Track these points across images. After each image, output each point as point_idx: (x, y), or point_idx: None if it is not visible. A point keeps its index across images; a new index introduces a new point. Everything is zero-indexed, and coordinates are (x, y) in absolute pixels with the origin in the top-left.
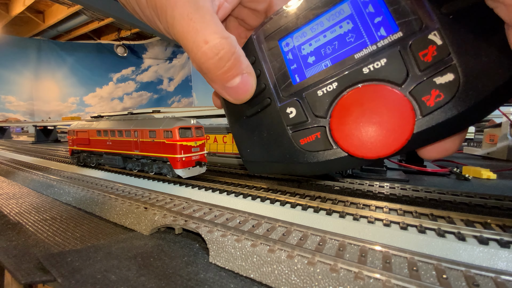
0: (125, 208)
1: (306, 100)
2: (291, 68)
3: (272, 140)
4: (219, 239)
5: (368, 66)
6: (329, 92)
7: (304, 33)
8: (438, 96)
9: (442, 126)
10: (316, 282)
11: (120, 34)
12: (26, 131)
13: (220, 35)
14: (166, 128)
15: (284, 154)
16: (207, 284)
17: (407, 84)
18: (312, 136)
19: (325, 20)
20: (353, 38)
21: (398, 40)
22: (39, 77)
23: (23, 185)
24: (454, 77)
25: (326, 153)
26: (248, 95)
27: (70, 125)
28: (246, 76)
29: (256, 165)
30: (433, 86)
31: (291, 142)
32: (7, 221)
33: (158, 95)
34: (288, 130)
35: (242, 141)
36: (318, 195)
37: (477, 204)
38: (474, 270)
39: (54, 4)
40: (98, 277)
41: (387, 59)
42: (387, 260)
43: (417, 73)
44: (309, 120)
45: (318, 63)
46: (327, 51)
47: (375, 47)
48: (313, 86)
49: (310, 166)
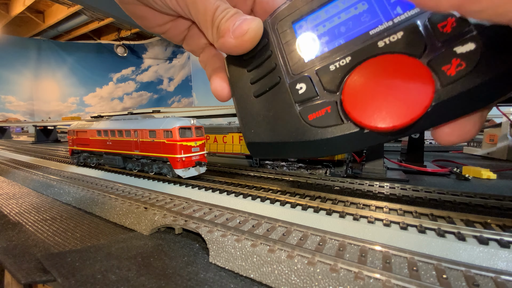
0: (125, 208)
1: (317, 75)
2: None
3: (279, 118)
4: (219, 239)
5: (384, 40)
6: (341, 67)
7: (318, 15)
8: (459, 65)
9: (464, 98)
10: (316, 282)
11: (120, 34)
12: (26, 131)
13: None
14: (166, 128)
15: (290, 132)
16: (207, 284)
17: (426, 55)
18: (321, 110)
19: (340, 3)
20: (368, 17)
21: (415, 15)
22: (39, 77)
23: (23, 185)
24: (475, 46)
25: (336, 129)
26: (253, 31)
27: (70, 125)
28: (251, 18)
29: (259, 147)
30: (453, 56)
31: (298, 117)
32: (7, 221)
33: (158, 95)
34: (296, 106)
35: (247, 122)
36: (318, 195)
37: (477, 204)
38: (474, 270)
39: (54, 4)
40: (98, 277)
41: (404, 32)
42: (387, 260)
43: (436, 44)
44: (319, 95)
45: (331, 42)
46: (341, 31)
47: (391, 22)
48: (325, 62)
49: (318, 144)
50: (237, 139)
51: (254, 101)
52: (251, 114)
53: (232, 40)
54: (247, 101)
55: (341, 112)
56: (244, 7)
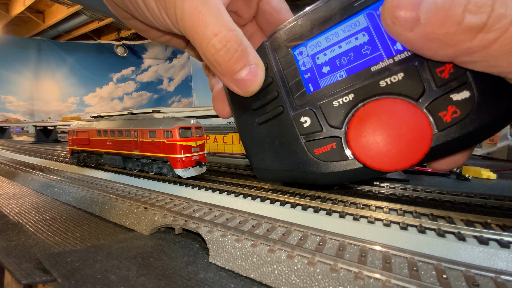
0: (125, 208)
1: (321, 110)
2: (304, 77)
3: (285, 148)
4: (219, 239)
5: (385, 80)
6: (345, 103)
7: (319, 42)
8: (454, 112)
9: (458, 141)
10: (316, 282)
11: (120, 34)
12: (26, 131)
13: (227, 27)
14: (166, 128)
15: (297, 163)
16: (207, 284)
17: (424, 99)
18: (327, 146)
19: (340, 30)
20: (369, 50)
21: (415, 55)
22: (39, 77)
23: (23, 185)
24: (470, 94)
25: (342, 164)
26: (257, 85)
27: (70, 125)
28: (254, 68)
29: (267, 173)
30: (449, 102)
31: (305, 151)
32: (7, 221)
33: (158, 95)
34: (302, 139)
35: (253, 148)
36: (318, 195)
37: (477, 204)
38: (474, 270)
39: (54, 4)
40: (98, 277)
41: (404, 73)
42: (387, 260)
43: (434, 89)
44: (324, 130)
45: (333, 74)
46: (343, 62)
47: (392, 61)
48: (329, 97)
49: (325, 176)
50: (237, 139)
51: (258, 128)
52: (256, 141)
53: (235, 88)
54: (251, 127)
55: (346, 149)
56: (247, 14)
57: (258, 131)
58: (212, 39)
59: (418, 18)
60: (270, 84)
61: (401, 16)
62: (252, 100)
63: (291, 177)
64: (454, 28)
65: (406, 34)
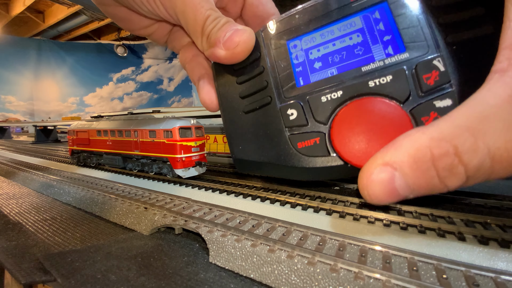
0: (125, 208)
1: (308, 104)
2: (296, 70)
3: (268, 139)
4: (219, 239)
5: (374, 80)
6: (333, 100)
7: (314, 38)
8: (436, 119)
9: None
10: (316, 282)
11: (120, 34)
12: (26, 131)
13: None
14: (166, 128)
15: (279, 155)
16: (207, 284)
17: (409, 103)
18: (310, 140)
19: (336, 29)
20: (361, 51)
21: (404, 60)
22: (39, 77)
23: (23, 185)
24: (452, 103)
25: (323, 160)
26: (245, 43)
27: (70, 125)
28: (242, 28)
29: (247, 164)
30: (432, 109)
31: (288, 144)
32: (7, 221)
33: (158, 95)
34: (286, 132)
35: (235, 137)
36: (318, 195)
37: (477, 204)
38: (474, 270)
39: (54, 4)
40: (98, 277)
41: (393, 76)
42: (387, 260)
43: (419, 94)
44: (309, 125)
45: (324, 70)
46: (335, 60)
47: (382, 63)
48: (317, 92)
49: (305, 171)
50: None
51: (243, 117)
52: (239, 130)
53: (223, 51)
54: (236, 116)
55: (328, 145)
56: (234, 8)
57: (243, 120)
58: (203, 6)
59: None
60: (260, 73)
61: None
62: (240, 87)
63: (271, 170)
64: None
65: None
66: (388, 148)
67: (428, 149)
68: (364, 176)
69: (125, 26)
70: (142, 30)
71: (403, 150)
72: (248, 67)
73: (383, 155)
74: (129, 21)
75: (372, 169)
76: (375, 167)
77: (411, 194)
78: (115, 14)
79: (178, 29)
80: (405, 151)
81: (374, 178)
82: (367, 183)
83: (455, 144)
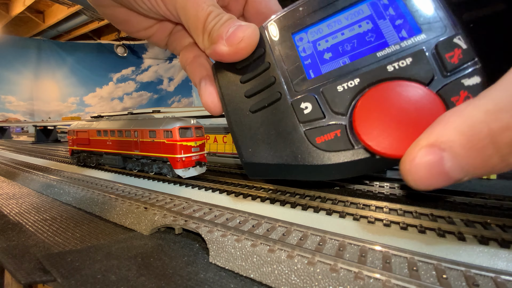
0: (125, 208)
1: (323, 95)
2: (305, 63)
3: (281, 138)
4: (219, 239)
5: (393, 64)
6: (350, 88)
7: (320, 29)
8: (467, 98)
9: None
10: (316, 282)
11: (120, 34)
12: (26, 131)
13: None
14: (166, 128)
15: (295, 155)
16: (207, 284)
17: (434, 84)
18: (330, 134)
19: (343, 18)
20: (373, 38)
21: (422, 41)
22: (39, 77)
23: (23, 185)
24: (481, 80)
25: (346, 154)
26: (249, 39)
27: (70, 125)
28: (245, 24)
29: (259, 168)
30: (461, 88)
31: (304, 141)
32: (7, 221)
33: (158, 95)
34: (301, 127)
35: (243, 139)
36: (318, 195)
37: (477, 204)
38: (474, 270)
39: (54, 4)
40: (98, 277)
41: (412, 58)
42: (387, 260)
43: (444, 74)
44: (326, 117)
45: (336, 60)
46: (346, 48)
47: (398, 46)
48: (332, 82)
49: (327, 168)
50: None
51: (251, 117)
52: (248, 131)
53: (226, 48)
54: (242, 116)
55: (351, 137)
56: (237, 6)
57: (250, 120)
58: (205, 2)
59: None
60: (266, 69)
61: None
62: (245, 87)
63: (287, 172)
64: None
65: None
66: (433, 128)
67: (485, 124)
68: (407, 160)
69: (124, 28)
70: (142, 32)
71: (452, 128)
72: (252, 65)
73: (427, 136)
74: (128, 23)
75: (416, 152)
76: (419, 149)
77: (466, 176)
78: (114, 15)
79: (178, 30)
80: (456, 128)
81: (420, 161)
82: (411, 168)
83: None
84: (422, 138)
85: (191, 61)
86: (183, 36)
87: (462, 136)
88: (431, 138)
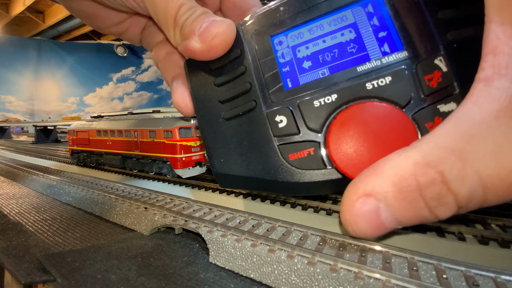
0: (125, 208)
1: (299, 109)
2: (283, 71)
3: (254, 150)
4: (219, 239)
5: (372, 82)
6: (327, 104)
7: (301, 33)
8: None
9: None
10: (316, 282)
11: None
12: (26, 131)
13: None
14: (166, 128)
15: (268, 169)
16: (207, 284)
17: (411, 107)
18: (304, 151)
19: (325, 23)
20: (355, 49)
21: (403, 59)
22: (39, 77)
23: (23, 185)
24: (457, 106)
25: (319, 173)
26: (223, 35)
27: (70, 125)
28: (220, 19)
29: (230, 180)
30: (436, 114)
31: (278, 156)
32: (7, 221)
33: (158, 95)
34: (275, 141)
35: (216, 148)
36: (318, 195)
37: None
38: (474, 270)
39: (54, 4)
40: (98, 277)
41: (392, 77)
42: (387, 260)
43: (422, 97)
44: (301, 133)
45: (315, 70)
46: (326, 59)
47: (379, 62)
48: (309, 95)
49: (298, 186)
50: None
51: (224, 125)
52: (220, 139)
53: (198, 44)
54: (215, 123)
55: (324, 156)
56: (213, 0)
57: (223, 128)
58: (176, 2)
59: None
60: (242, 74)
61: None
62: (219, 90)
63: (259, 185)
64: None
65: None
66: (369, 174)
67: (413, 177)
68: (346, 210)
69: (94, 23)
70: (113, 28)
71: (385, 178)
72: (228, 66)
73: (364, 183)
74: (96, 17)
75: (354, 201)
76: (357, 198)
77: (400, 226)
78: (80, 9)
79: (151, 25)
80: (388, 179)
81: (358, 212)
82: (350, 218)
83: (441, 170)
84: (359, 184)
85: (163, 58)
86: (156, 31)
87: (394, 187)
88: (367, 186)
